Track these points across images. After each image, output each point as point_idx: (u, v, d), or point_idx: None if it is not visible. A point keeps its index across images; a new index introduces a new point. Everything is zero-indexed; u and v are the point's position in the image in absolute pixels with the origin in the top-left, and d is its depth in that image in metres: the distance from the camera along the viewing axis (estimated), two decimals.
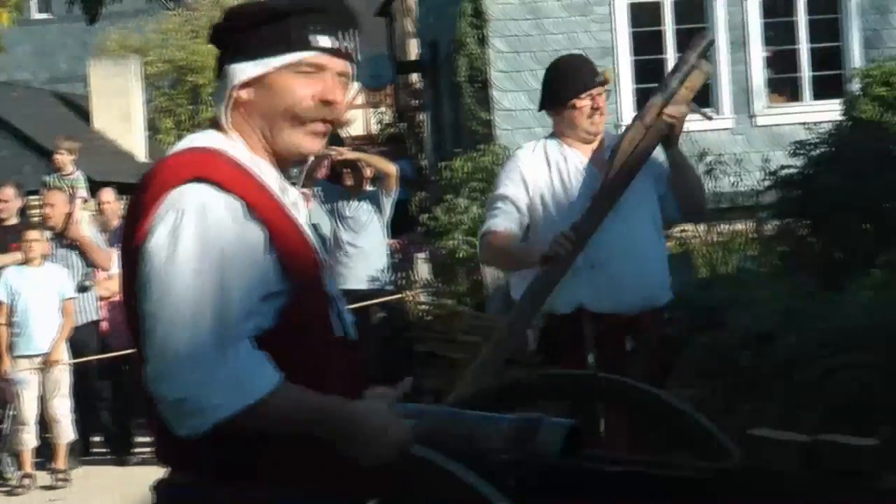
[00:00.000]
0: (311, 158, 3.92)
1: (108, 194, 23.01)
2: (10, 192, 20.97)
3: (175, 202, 3.65)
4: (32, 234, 18.55)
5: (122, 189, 24.53)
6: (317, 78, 3.79)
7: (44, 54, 53.16)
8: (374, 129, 55.71)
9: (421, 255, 24.49)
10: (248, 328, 3.68)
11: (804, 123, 22.30)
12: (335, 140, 24.06)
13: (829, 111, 24.02)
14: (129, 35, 53.98)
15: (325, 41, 3.76)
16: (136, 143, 50.01)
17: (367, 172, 20.16)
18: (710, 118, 10.00)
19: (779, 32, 29.59)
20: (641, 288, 10.12)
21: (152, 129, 53.13)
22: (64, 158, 22.13)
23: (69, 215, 19.55)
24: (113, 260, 19.33)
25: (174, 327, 3.62)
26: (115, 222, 20.85)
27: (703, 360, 12.27)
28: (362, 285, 19.46)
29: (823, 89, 28.59)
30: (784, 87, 29.34)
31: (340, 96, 3.85)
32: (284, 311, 3.74)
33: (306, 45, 3.75)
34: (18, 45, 34.25)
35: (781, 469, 5.69)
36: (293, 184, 3.87)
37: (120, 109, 50.18)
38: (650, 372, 9.74)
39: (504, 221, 9.90)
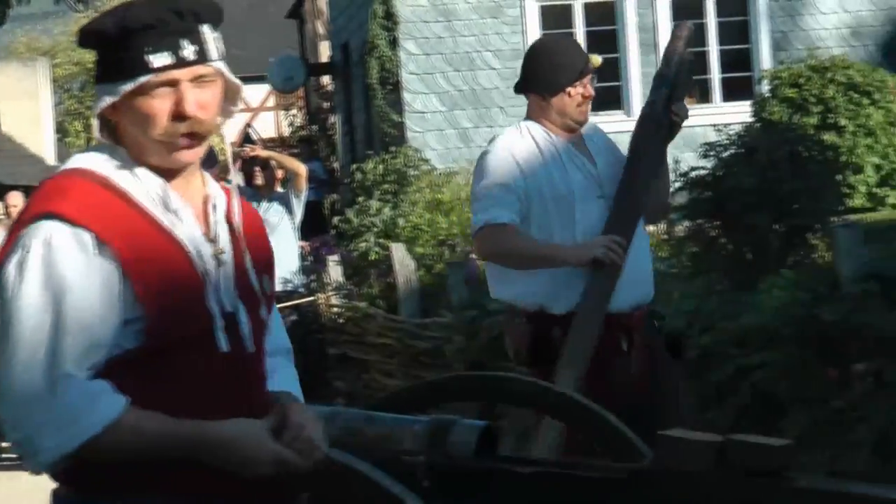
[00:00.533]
0: (222, 158, 3.91)
1: (15, 198, 23.07)
2: None
3: (24, 239, 3.60)
4: None
5: (30, 192, 24.51)
6: (168, 95, 3.67)
7: None
8: (286, 131, 55.66)
9: (333, 258, 23.68)
10: (91, 362, 3.58)
11: (714, 125, 22.21)
12: (248, 139, 24.02)
13: (739, 113, 24.16)
14: (37, 37, 53.88)
15: (163, 59, 3.64)
16: (45, 145, 49.83)
17: (279, 173, 20.15)
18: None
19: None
20: (635, 285, 9.62)
21: (61, 131, 53.00)
22: None
23: None
24: None
25: (9, 368, 3.56)
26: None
27: None
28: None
29: (733, 91, 28.77)
30: (694, 88, 29.42)
31: (196, 106, 3.68)
32: (149, 333, 3.63)
33: (145, 69, 3.63)
34: None
35: (694, 469, 5.74)
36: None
37: (28, 112, 49.98)
38: (645, 371, 9.46)
39: (506, 212, 9.22)
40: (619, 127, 25.54)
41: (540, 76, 9.59)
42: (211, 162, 30.71)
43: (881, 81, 26.36)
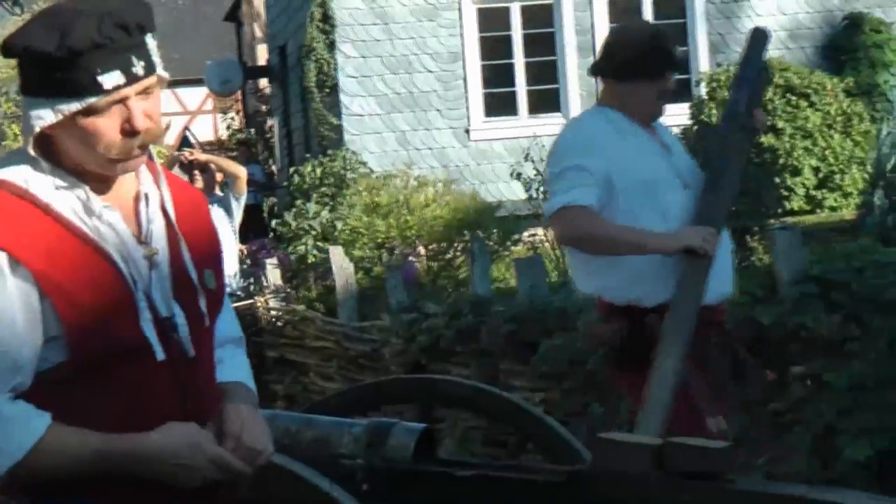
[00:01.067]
0: (160, 161, 3.81)
1: None
2: None
3: None
4: None
5: None
6: (117, 113, 3.55)
7: None
8: (224, 134, 55.77)
9: (271, 261, 23.54)
10: (10, 385, 3.52)
11: None
12: (186, 143, 23.95)
13: (677, 115, 24.13)
14: None
15: (115, 78, 3.50)
16: None
17: (218, 176, 20.06)
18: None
19: None
20: (722, 279, 9.13)
21: None
22: None
23: None
24: None
25: None
26: None
27: (554, 362, 12.31)
28: None
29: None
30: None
31: (145, 119, 3.58)
32: (74, 350, 3.54)
33: (96, 90, 3.50)
34: None
35: (632, 471, 5.73)
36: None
37: None
38: (730, 364, 9.20)
39: (589, 195, 8.58)
40: (556, 130, 25.66)
41: (639, 64, 9.01)
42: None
43: (819, 84, 26.42)
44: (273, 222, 25.33)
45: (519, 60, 29.16)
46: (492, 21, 29.07)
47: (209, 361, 3.82)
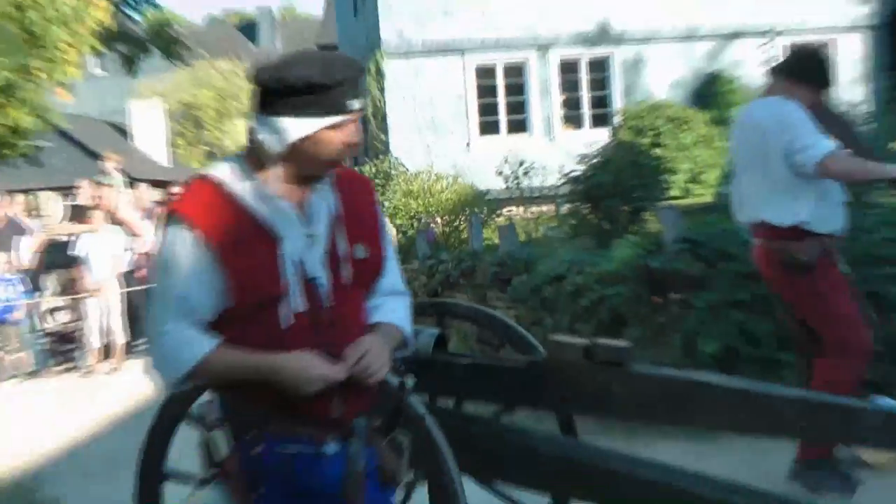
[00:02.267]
0: None
1: (142, 187, 22.89)
2: (85, 184, 20.87)
3: (160, 231, 3.77)
4: (96, 214, 18.44)
5: (152, 183, 24.34)
6: (345, 129, 3.69)
7: (99, 96, 52.43)
8: None
9: None
10: (191, 320, 3.68)
11: (586, 143, 22.35)
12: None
13: (601, 136, 24.05)
14: (154, 84, 53.36)
15: (355, 104, 3.67)
16: (160, 154, 49.68)
17: None
18: None
19: (569, 85, 29.46)
20: (843, 211, 8.46)
21: (173, 145, 52.70)
22: (109, 165, 21.86)
23: (114, 203, 19.39)
24: (144, 228, 19.29)
25: (148, 314, 3.86)
26: (147, 204, 20.72)
27: (521, 292, 12.40)
28: None
29: (597, 121, 28.58)
30: (573, 119, 29.26)
31: (360, 137, 3.78)
32: (238, 299, 3.66)
33: (343, 110, 3.63)
34: (83, 90, 33.72)
35: (569, 361, 5.81)
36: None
37: (149, 132, 49.95)
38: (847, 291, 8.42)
39: (832, 144, 7.93)
40: (524, 144, 25.66)
41: (823, 77, 8.48)
42: None
43: (691, 116, 26.47)
44: None
45: (501, 100, 28.95)
46: (484, 74, 28.72)
47: (351, 311, 3.87)
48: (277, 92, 3.67)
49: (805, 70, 8.48)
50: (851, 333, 8.10)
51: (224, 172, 3.78)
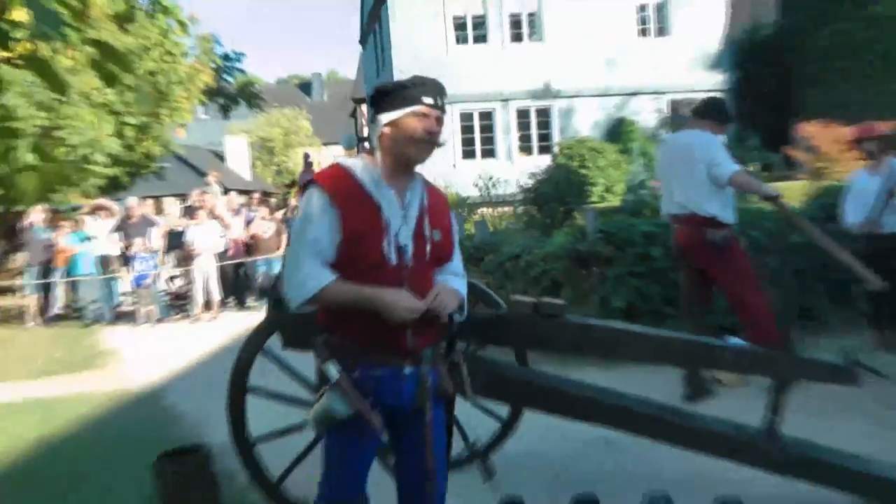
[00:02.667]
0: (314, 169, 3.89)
1: (232, 194, 22.78)
2: (194, 192, 20.89)
3: (305, 193, 3.76)
4: (201, 212, 18.42)
5: (239, 192, 24.23)
6: (424, 119, 3.73)
7: (204, 132, 52.18)
8: None
9: None
10: (320, 259, 3.67)
11: (535, 165, 22.29)
12: (307, 161, 22.90)
13: (545, 161, 23.95)
14: (241, 124, 53.12)
15: (428, 100, 3.72)
16: (244, 172, 49.42)
17: None
18: None
19: (524, 124, 29.24)
20: (735, 210, 8.72)
21: (253, 166, 52.41)
22: (210, 179, 21.81)
23: (213, 205, 19.34)
24: (233, 222, 19.30)
25: (286, 254, 3.81)
26: (235, 206, 20.57)
27: (490, 266, 12.32)
28: None
29: (542, 150, 28.31)
30: (525, 149, 29.05)
31: (437, 129, 3.79)
32: (349, 250, 3.67)
33: (419, 102, 3.70)
34: (193, 128, 33.88)
35: (522, 314, 5.77)
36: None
37: (237, 157, 49.79)
38: None
39: (737, 165, 8.28)
40: (493, 167, 25.56)
41: (725, 116, 8.61)
42: (309, 171, 29.67)
43: (604, 147, 26.22)
44: None
45: (476, 135, 28.77)
46: (465, 118, 28.46)
47: (424, 272, 3.86)
48: (378, 97, 3.80)
49: (713, 112, 8.51)
50: (750, 291, 8.19)
51: (353, 163, 3.82)
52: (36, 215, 19.05)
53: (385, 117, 3.78)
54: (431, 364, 3.91)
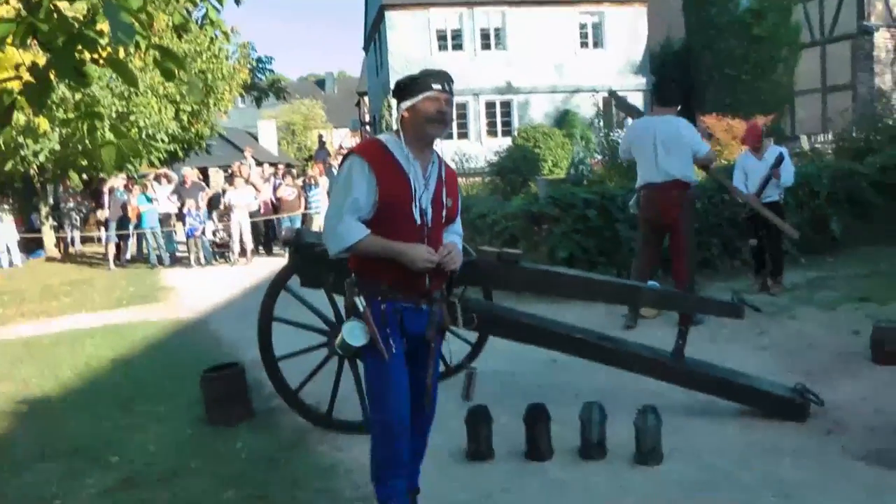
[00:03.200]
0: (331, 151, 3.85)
1: (264, 166, 22.59)
2: (235, 164, 20.80)
3: (345, 161, 3.64)
4: (238, 179, 18.37)
5: (269, 164, 24.09)
6: (435, 102, 3.61)
7: (242, 117, 51.64)
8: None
9: None
10: (357, 216, 3.57)
11: (499, 145, 22.19)
12: (321, 142, 22.84)
13: (507, 142, 23.83)
14: (270, 111, 52.64)
15: (437, 86, 3.61)
16: (272, 149, 48.99)
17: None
18: None
19: (491, 113, 29.11)
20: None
21: (279, 144, 52.06)
22: (246, 154, 21.66)
23: (248, 174, 19.22)
24: (263, 188, 19.15)
25: (328, 209, 3.68)
26: (266, 175, 20.47)
27: (462, 223, 12.22)
28: None
29: (505, 134, 28.20)
30: (492, 132, 28.92)
31: (447, 109, 3.67)
32: (382, 209, 3.57)
33: (429, 88, 3.60)
34: (234, 114, 33.74)
35: (488, 261, 5.70)
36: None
37: (268, 137, 49.43)
38: None
39: (707, 145, 8.78)
40: (467, 147, 25.31)
41: (679, 97, 8.63)
42: (323, 153, 29.28)
43: (553, 133, 26.20)
44: None
45: (454, 120, 28.72)
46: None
47: (438, 230, 3.78)
48: (398, 90, 3.71)
49: (676, 99, 8.52)
50: (691, 243, 8.30)
51: (386, 139, 3.70)
52: (116, 181, 19.22)
53: (404, 104, 3.68)
54: (439, 304, 3.83)
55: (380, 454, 3.74)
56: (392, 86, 3.84)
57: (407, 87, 3.70)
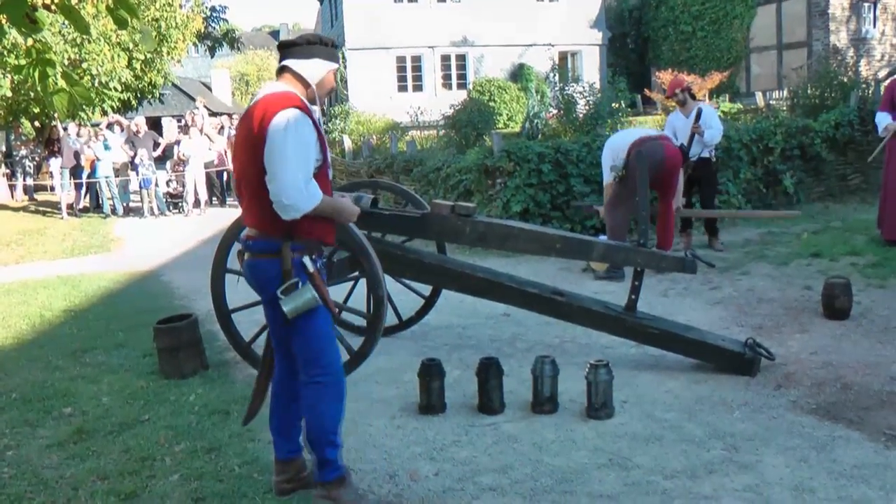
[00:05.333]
0: None
1: (218, 118, 22.27)
2: (187, 114, 20.47)
3: (288, 114, 3.38)
4: (192, 130, 18.20)
5: (221, 115, 23.72)
6: (335, 74, 3.65)
7: (195, 67, 50.73)
8: None
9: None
10: (310, 177, 3.40)
11: (454, 99, 22.01)
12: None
13: (462, 95, 23.60)
14: (224, 61, 51.74)
15: (336, 63, 3.66)
16: (226, 99, 48.20)
17: None
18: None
19: (446, 66, 28.84)
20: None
21: (232, 94, 51.25)
22: (199, 104, 21.30)
23: (201, 124, 18.91)
24: (217, 139, 18.90)
25: (286, 172, 3.35)
26: (217, 125, 20.23)
27: (417, 176, 12.16)
28: None
29: (460, 87, 27.90)
30: (447, 86, 28.59)
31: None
32: (320, 167, 3.49)
33: (335, 61, 3.65)
34: (186, 63, 33.19)
35: (442, 214, 5.66)
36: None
37: (221, 87, 48.59)
38: None
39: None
40: (420, 98, 24.96)
41: None
42: None
43: (508, 86, 26.12)
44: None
45: (409, 74, 28.47)
46: (400, 61, 28.09)
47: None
48: (296, 46, 3.66)
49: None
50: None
51: (300, 94, 3.57)
52: (70, 128, 18.87)
53: (319, 66, 3.64)
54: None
55: (335, 412, 3.64)
56: (346, 39, 3.80)
57: (323, 50, 3.66)
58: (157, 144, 18.95)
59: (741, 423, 4.47)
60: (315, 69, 3.65)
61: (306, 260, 3.54)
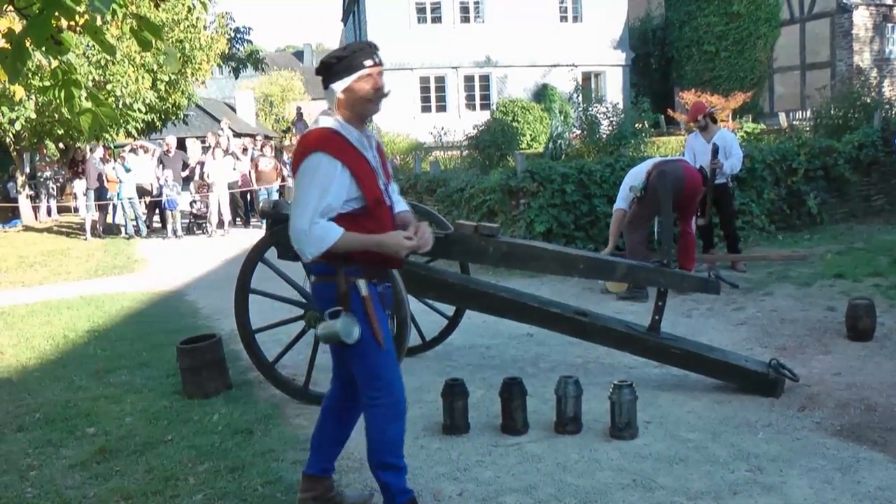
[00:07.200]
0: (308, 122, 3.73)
1: (244, 138, 22.45)
2: (210, 134, 20.60)
3: (311, 158, 3.36)
4: (216, 150, 18.28)
5: (245, 135, 23.86)
6: (369, 78, 3.46)
7: (220, 88, 51.16)
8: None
9: None
10: (328, 216, 3.37)
11: (478, 119, 22.07)
12: (299, 113, 22.79)
13: (486, 116, 23.67)
14: (248, 82, 52.11)
15: (368, 62, 3.46)
16: (250, 120, 48.40)
17: None
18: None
19: (469, 86, 28.94)
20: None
21: (256, 115, 51.54)
22: (224, 124, 21.49)
23: (226, 145, 19.06)
24: (242, 159, 19.12)
25: (296, 213, 3.36)
26: (242, 146, 20.41)
27: (441, 196, 12.18)
28: None
29: (483, 108, 27.99)
30: (470, 106, 28.73)
31: (382, 83, 3.52)
32: (362, 201, 3.42)
33: (361, 66, 3.45)
34: (211, 84, 33.55)
35: (465, 234, 5.68)
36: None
37: (245, 108, 48.79)
38: None
39: None
40: (445, 121, 25.07)
41: None
42: (302, 125, 29.01)
43: (532, 106, 26.16)
44: None
45: (432, 94, 28.53)
46: (424, 81, 28.20)
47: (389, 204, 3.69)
48: (325, 70, 3.54)
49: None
50: None
51: (335, 125, 3.48)
52: (95, 150, 19.08)
53: (338, 85, 3.50)
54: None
55: (394, 434, 3.59)
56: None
57: (336, 67, 3.54)
58: (185, 165, 19.14)
59: (765, 445, 4.45)
60: (340, 87, 3.53)
61: (360, 283, 3.51)
